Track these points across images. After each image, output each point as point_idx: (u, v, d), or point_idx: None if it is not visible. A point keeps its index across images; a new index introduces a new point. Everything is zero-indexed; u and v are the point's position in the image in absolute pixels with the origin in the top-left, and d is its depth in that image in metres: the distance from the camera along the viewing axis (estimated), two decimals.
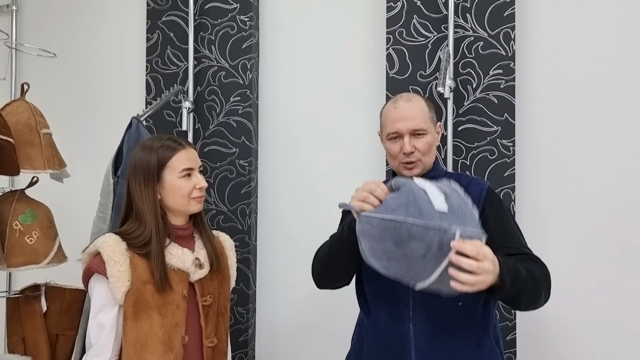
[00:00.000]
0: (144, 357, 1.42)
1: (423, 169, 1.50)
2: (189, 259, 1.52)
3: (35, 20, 2.60)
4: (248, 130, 2.28)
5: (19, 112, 1.82)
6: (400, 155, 1.48)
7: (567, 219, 2.04)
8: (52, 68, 2.52)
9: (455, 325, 1.42)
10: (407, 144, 1.46)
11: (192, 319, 1.51)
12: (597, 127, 2.02)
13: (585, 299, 2.01)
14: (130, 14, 2.49)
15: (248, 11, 2.29)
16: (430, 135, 1.49)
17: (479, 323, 1.45)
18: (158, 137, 1.56)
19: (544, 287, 1.35)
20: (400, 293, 1.44)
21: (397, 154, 1.49)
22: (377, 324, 1.48)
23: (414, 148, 1.46)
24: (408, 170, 1.49)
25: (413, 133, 1.47)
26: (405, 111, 1.47)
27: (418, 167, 1.49)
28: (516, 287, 1.26)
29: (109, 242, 1.45)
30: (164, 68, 2.37)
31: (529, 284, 1.30)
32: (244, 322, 2.25)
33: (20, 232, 1.77)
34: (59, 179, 1.97)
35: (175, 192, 1.50)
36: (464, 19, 2.09)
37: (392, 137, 1.49)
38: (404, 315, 1.43)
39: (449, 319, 1.42)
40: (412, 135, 1.47)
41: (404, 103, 1.49)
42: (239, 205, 2.27)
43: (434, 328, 1.42)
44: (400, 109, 1.48)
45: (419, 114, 1.48)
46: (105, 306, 1.44)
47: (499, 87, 2.05)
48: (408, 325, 1.43)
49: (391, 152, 1.51)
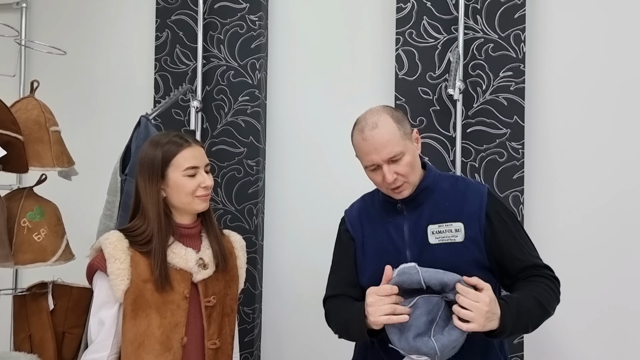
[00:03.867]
0: (141, 356, 1.41)
1: (412, 187, 1.45)
2: (192, 258, 1.50)
3: (45, 17, 2.61)
4: (256, 130, 2.28)
5: (28, 109, 1.82)
6: (385, 183, 1.42)
7: (577, 222, 2.02)
8: (62, 65, 2.53)
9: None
10: (387, 174, 1.39)
11: (194, 319, 1.49)
12: (608, 130, 2.01)
13: (596, 303, 1.99)
14: (140, 13, 2.49)
15: (257, 11, 2.29)
16: (408, 154, 1.40)
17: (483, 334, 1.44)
18: (166, 134, 1.55)
19: (552, 306, 1.37)
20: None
21: (381, 183, 1.43)
22: (382, 343, 1.45)
23: (395, 175, 1.40)
24: (397, 193, 1.44)
25: (390, 160, 1.39)
26: (375, 140, 1.38)
27: (406, 188, 1.43)
28: (521, 324, 1.32)
29: (112, 239, 1.45)
30: (173, 67, 2.37)
31: (536, 313, 1.34)
32: (250, 322, 2.25)
33: (28, 230, 1.77)
34: (67, 176, 1.97)
35: (179, 190, 1.48)
36: (474, 20, 2.08)
37: (371, 168, 1.43)
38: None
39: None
40: (390, 162, 1.39)
41: (370, 132, 1.39)
42: (246, 205, 2.27)
43: None
44: (369, 140, 1.39)
45: (390, 138, 1.38)
46: (106, 303, 1.44)
47: (508, 89, 2.04)
48: None
49: (375, 182, 1.46)
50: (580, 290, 2.00)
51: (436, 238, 1.44)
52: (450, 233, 1.43)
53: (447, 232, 1.43)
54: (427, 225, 1.45)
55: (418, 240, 1.45)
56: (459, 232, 1.43)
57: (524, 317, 1.32)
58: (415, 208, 1.47)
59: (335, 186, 2.25)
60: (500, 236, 1.42)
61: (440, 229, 1.44)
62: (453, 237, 1.43)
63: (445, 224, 1.44)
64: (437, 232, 1.44)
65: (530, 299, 1.34)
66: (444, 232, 1.44)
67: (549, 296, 1.37)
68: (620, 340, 1.97)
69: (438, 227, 1.44)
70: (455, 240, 1.42)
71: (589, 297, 2.00)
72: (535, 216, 2.05)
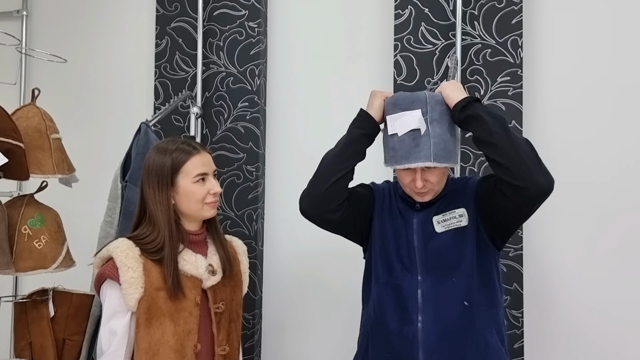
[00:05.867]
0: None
1: (435, 194, 1.51)
2: (202, 265, 1.49)
3: (45, 25, 2.62)
4: (256, 135, 2.29)
5: (29, 117, 1.83)
6: (411, 185, 1.47)
7: (576, 225, 2.03)
8: (62, 73, 2.54)
9: (462, 325, 1.44)
10: (418, 180, 1.44)
11: (204, 326, 1.48)
12: (605, 134, 2.02)
13: (595, 304, 1.99)
14: (140, 20, 2.50)
15: (256, 18, 2.31)
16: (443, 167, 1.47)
17: (486, 323, 1.47)
18: (173, 140, 1.54)
19: (527, 155, 1.35)
20: (408, 294, 1.46)
21: (408, 184, 1.48)
22: (385, 326, 1.49)
23: (425, 182, 1.45)
24: (420, 197, 1.50)
25: (425, 168, 1.44)
26: None
27: (429, 194, 1.49)
28: (490, 110, 1.40)
29: (122, 247, 1.43)
30: (173, 73, 2.38)
31: (505, 133, 1.35)
32: (250, 328, 2.25)
33: (28, 237, 1.77)
34: (68, 183, 1.98)
35: (189, 197, 1.48)
36: (471, 26, 2.09)
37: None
38: (411, 316, 1.45)
39: (456, 319, 1.44)
40: (424, 169, 1.45)
41: None
42: (246, 211, 2.28)
43: (442, 328, 1.43)
44: None
45: None
46: (117, 312, 1.41)
47: (506, 94, 2.05)
48: (416, 326, 1.44)
49: (402, 181, 1.50)
50: (580, 291, 2.00)
51: (442, 226, 1.50)
52: (455, 219, 1.50)
53: (452, 218, 1.51)
54: (432, 217, 1.52)
55: (427, 231, 1.51)
56: (463, 217, 1.50)
57: (491, 110, 1.41)
58: (427, 207, 1.54)
59: None
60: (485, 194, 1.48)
61: (444, 218, 1.51)
62: (458, 222, 1.50)
63: (449, 212, 1.51)
64: (443, 221, 1.51)
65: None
66: (449, 219, 1.51)
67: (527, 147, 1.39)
68: (621, 340, 1.97)
69: (442, 216, 1.51)
70: (461, 224, 1.50)
71: (588, 298, 2.00)
72: (534, 220, 2.05)
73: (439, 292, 1.45)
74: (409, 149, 1.41)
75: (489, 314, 1.48)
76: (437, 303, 1.45)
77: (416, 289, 1.46)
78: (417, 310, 1.45)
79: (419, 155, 1.40)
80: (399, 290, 1.48)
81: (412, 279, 1.48)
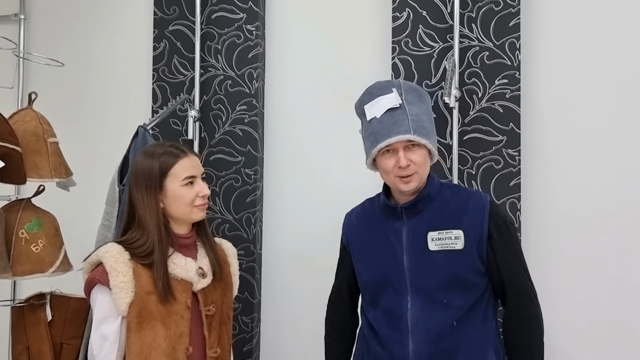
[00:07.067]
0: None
1: (419, 182, 1.47)
2: (192, 268, 1.50)
3: (43, 29, 2.62)
4: (254, 139, 2.28)
5: (26, 121, 1.84)
6: (395, 169, 1.44)
7: (573, 229, 2.03)
8: (60, 77, 2.53)
9: (454, 344, 1.43)
10: (402, 158, 1.42)
11: (195, 329, 1.49)
12: (603, 136, 2.02)
13: (594, 312, 1.99)
14: (138, 23, 2.50)
15: (254, 21, 2.31)
16: (426, 149, 1.46)
17: (479, 340, 1.45)
18: (160, 144, 1.55)
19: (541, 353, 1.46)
20: (398, 316, 1.45)
21: (392, 169, 1.45)
22: (378, 344, 1.49)
23: (409, 162, 1.43)
24: (405, 184, 1.45)
25: (407, 146, 1.43)
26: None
27: (415, 180, 1.45)
28: None
29: (112, 252, 1.43)
30: (171, 77, 2.38)
31: None
32: (249, 332, 2.24)
33: (26, 241, 1.77)
34: (65, 187, 1.98)
35: (177, 201, 1.48)
36: (469, 29, 2.09)
37: (384, 151, 1.45)
38: (402, 338, 1.44)
39: (447, 337, 1.42)
40: (407, 148, 1.44)
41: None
42: (244, 214, 2.27)
43: (433, 348, 1.42)
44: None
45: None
46: (108, 317, 1.42)
47: (504, 96, 2.05)
48: (407, 348, 1.43)
49: (385, 169, 1.47)
50: (578, 300, 2.00)
51: (436, 245, 1.46)
52: (450, 240, 1.46)
53: (447, 239, 1.46)
54: (427, 232, 1.47)
55: (417, 247, 1.47)
56: (458, 240, 1.45)
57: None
58: (415, 214, 1.50)
59: (332, 194, 2.26)
60: (500, 254, 1.46)
61: (440, 236, 1.46)
62: (453, 244, 1.46)
63: (445, 231, 1.47)
64: (437, 239, 1.47)
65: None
66: (444, 239, 1.46)
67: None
68: (619, 345, 1.97)
69: (438, 234, 1.47)
70: (455, 247, 1.45)
71: (588, 307, 1.99)
72: (532, 223, 2.06)
73: (429, 313, 1.43)
74: (389, 127, 1.43)
75: (483, 329, 1.46)
76: (428, 324, 1.42)
77: (406, 310, 1.44)
78: (408, 332, 1.43)
79: (399, 129, 1.42)
80: (390, 313, 1.47)
81: (402, 301, 1.45)
